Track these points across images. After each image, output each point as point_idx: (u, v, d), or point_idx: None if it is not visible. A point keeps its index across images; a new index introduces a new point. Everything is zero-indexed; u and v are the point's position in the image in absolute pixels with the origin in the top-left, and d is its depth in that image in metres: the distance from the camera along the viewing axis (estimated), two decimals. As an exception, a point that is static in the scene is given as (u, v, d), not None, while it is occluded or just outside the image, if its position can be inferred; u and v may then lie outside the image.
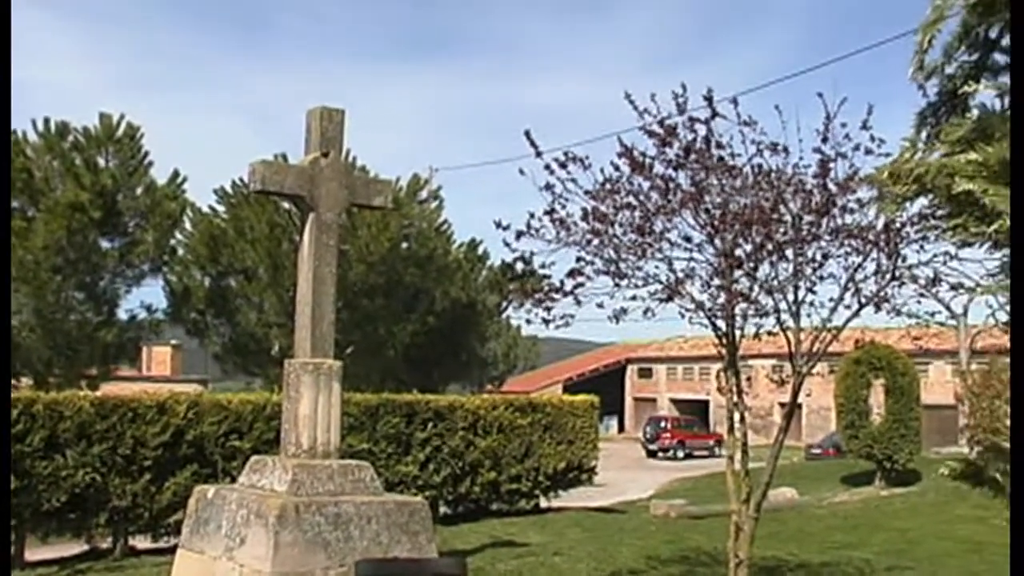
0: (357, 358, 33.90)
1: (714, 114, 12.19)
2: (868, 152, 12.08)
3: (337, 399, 12.15)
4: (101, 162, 31.90)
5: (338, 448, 12.18)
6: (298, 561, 11.00)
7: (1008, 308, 7.20)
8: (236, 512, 11.57)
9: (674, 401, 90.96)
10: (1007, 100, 7.06)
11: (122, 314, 33.76)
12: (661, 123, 12.29)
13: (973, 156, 6.46)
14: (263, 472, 12.07)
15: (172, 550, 13.76)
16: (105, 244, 32.49)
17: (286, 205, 25.56)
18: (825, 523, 26.15)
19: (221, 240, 36.03)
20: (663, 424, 70.52)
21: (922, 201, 7.69)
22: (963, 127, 6.76)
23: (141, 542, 21.07)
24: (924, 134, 7.62)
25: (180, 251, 36.46)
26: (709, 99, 12.13)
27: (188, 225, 36.61)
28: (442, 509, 23.77)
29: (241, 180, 32.03)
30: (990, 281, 7.38)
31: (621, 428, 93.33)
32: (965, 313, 49.97)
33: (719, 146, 12.33)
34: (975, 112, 6.94)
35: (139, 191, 32.98)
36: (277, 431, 13.07)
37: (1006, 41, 7.38)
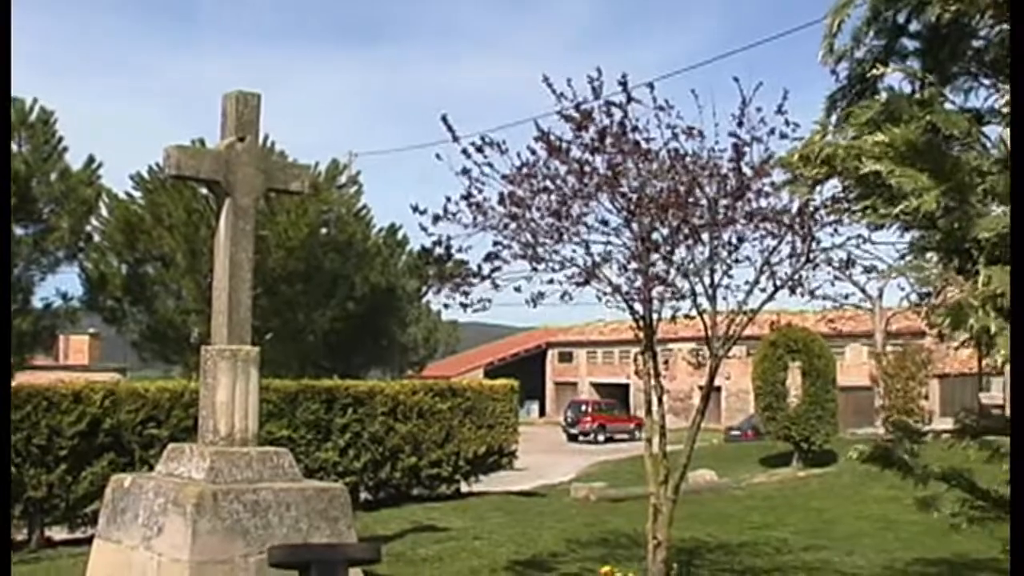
0: (276, 344, 33.66)
1: (629, 99, 12.29)
2: (783, 136, 12.24)
3: (255, 385, 12.08)
4: (14, 147, 31.40)
5: (256, 435, 12.11)
6: (217, 549, 10.94)
7: (918, 290, 7.32)
8: (153, 501, 11.47)
9: (595, 385, 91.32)
10: (916, 84, 7.19)
11: (37, 302, 33.29)
12: (577, 107, 12.36)
13: (880, 137, 6.56)
14: (181, 460, 11.98)
15: (89, 540, 13.61)
16: (19, 231, 31.98)
17: (203, 190, 25.34)
18: (743, 504, 26.41)
19: (138, 226, 35.59)
20: (584, 408, 70.81)
21: (835, 185, 7.77)
22: (871, 109, 6.85)
23: (58, 533, 20.82)
24: (834, 117, 7.71)
25: (96, 238, 35.95)
26: (624, 84, 12.21)
27: (104, 211, 36.12)
28: (363, 495, 23.70)
29: (158, 165, 31.71)
30: (901, 263, 7.48)
31: (542, 412, 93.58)
32: (880, 295, 50.62)
33: (635, 130, 12.41)
34: (883, 95, 7.04)
35: (53, 177, 32.43)
36: (195, 419, 12.95)
37: (914, 26, 7.51)
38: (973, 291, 6.23)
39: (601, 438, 65.88)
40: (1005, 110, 7.10)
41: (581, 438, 66.28)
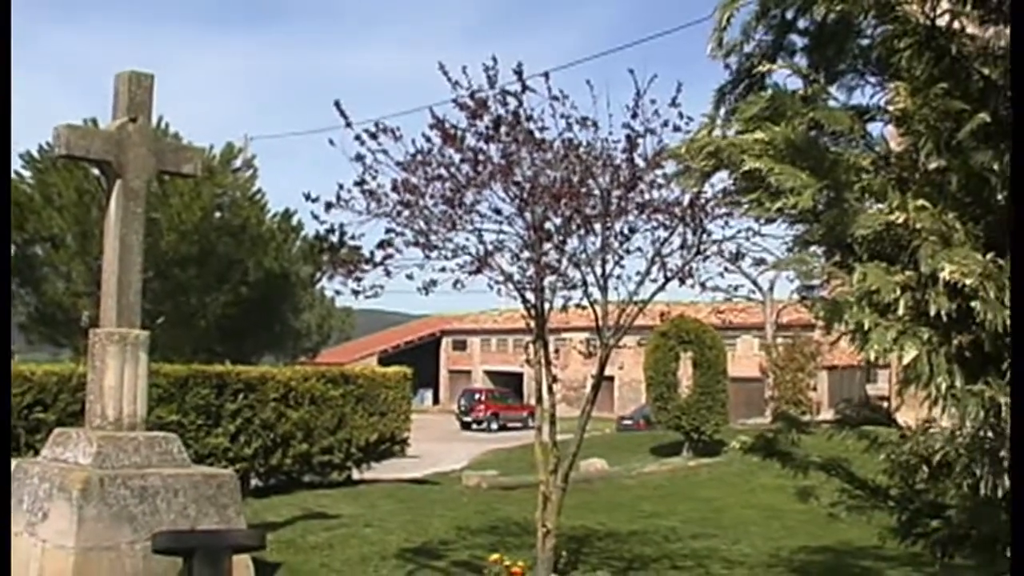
0: (168, 328, 33.39)
1: (524, 88, 12.34)
2: (676, 128, 12.36)
3: (144, 370, 11.98)
4: None
5: (145, 420, 12.00)
6: (103, 535, 10.83)
7: (803, 283, 7.46)
8: (38, 486, 11.34)
9: (488, 373, 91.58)
10: (800, 81, 7.32)
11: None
12: (472, 95, 12.39)
13: (760, 135, 6.68)
14: (67, 445, 11.84)
15: (-29, 525, 13.40)
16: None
17: (95, 171, 25.01)
18: (634, 493, 26.64)
19: (27, 206, 35.04)
20: (477, 396, 70.97)
21: (724, 178, 7.88)
22: (757, 105, 6.97)
23: (-60, 517, 20.44)
24: (723, 110, 7.82)
25: (-17, 217, 35.35)
26: (519, 73, 12.27)
27: (-9, 191, 35.52)
28: (253, 482, 23.52)
29: (48, 144, 31.28)
30: (787, 256, 7.61)
31: (436, 400, 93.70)
32: (771, 288, 51.34)
33: (530, 119, 12.48)
34: (769, 91, 7.15)
35: (-63, 154, 31.87)
36: (83, 403, 12.78)
37: (802, 23, 7.64)
38: (851, 287, 6.38)
39: (494, 426, 66.16)
40: (890, 107, 7.25)
41: (475, 426, 66.53)
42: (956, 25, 7.00)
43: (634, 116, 12.54)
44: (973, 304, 6.14)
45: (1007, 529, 6.96)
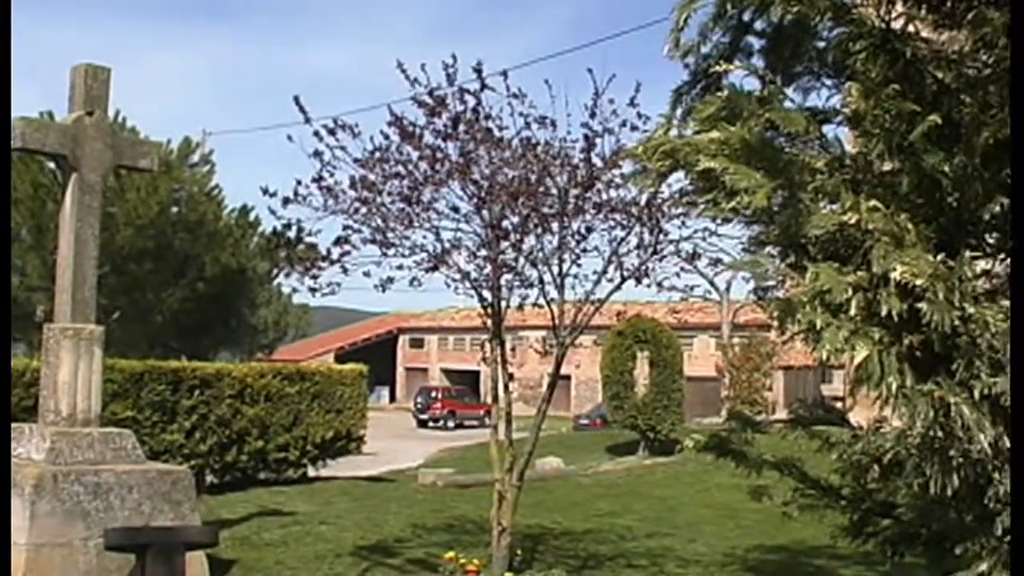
0: (124, 324, 33.18)
1: (483, 86, 12.37)
2: (634, 128, 12.40)
3: (98, 365, 11.92)
4: None
5: (99, 416, 11.94)
6: (56, 532, 10.78)
7: (759, 283, 7.51)
8: (-10, 481, 11.27)
9: (446, 371, 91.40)
10: (756, 82, 7.38)
11: None
12: (431, 93, 12.41)
13: (715, 135, 6.74)
14: (20, 440, 11.77)
15: (-78, 521, 13.29)
16: None
17: (51, 165, 24.83)
18: (590, 492, 26.67)
19: (-19, 200, 34.79)
20: (434, 394, 70.82)
21: (681, 178, 7.92)
22: (713, 105, 7.02)
23: None
24: (680, 111, 7.88)
25: (-65, 211, 35.03)
26: (478, 71, 12.29)
27: (-56, 184, 35.21)
28: (209, 478, 23.41)
29: (3, 138, 30.99)
30: (741, 257, 7.66)
31: (392, 398, 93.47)
32: (728, 288, 51.47)
33: (488, 118, 12.50)
34: (725, 92, 7.20)
35: None
36: (36, 398, 12.71)
37: (759, 24, 7.70)
38: (804, 287, 6.44)
39: (451, 424, 66.06)
40: (844, 109, 7.32)
41: (431, 424, 66.41)
42: (911, 29, 7.07)
43: (592, 116, 12.58)
44: (921, 305, 6.20)
45: (956, 527, 7.05)
